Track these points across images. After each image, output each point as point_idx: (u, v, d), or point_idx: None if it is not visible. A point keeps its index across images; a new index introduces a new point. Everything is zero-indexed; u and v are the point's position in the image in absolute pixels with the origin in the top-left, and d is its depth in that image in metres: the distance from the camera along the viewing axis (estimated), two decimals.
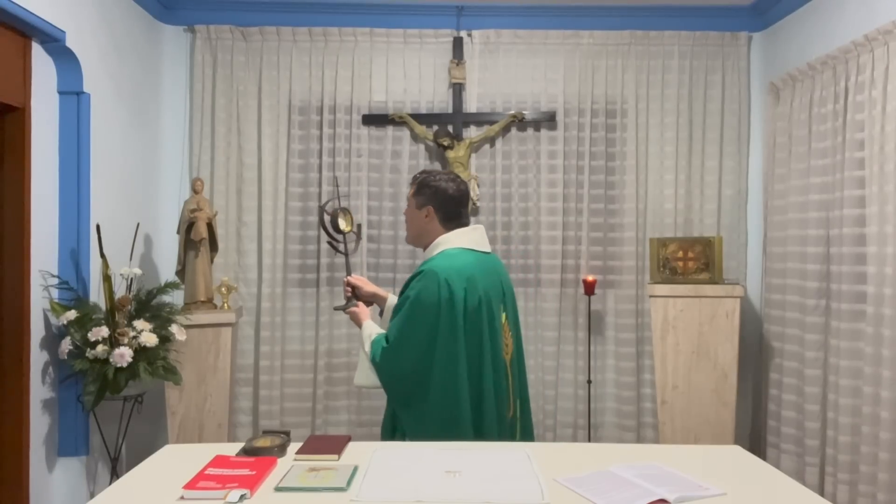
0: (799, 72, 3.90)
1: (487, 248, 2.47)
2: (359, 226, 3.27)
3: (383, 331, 2.44)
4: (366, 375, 2.39)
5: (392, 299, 2.62)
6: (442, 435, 2.18)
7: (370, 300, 2.65)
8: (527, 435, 2.50)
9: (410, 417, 2.31)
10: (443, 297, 2.24)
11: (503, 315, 2.42)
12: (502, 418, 2.37)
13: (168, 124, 4.40)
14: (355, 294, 2.65)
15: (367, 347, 2.39)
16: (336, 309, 2.79)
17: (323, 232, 2.84)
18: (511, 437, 2.42)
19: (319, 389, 4.41)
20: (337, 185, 3.28)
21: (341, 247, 2.76)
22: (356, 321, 2.57)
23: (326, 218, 2.77)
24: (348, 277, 2.67)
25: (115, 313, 3.21)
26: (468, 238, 2.41)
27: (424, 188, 2.43)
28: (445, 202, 2.41)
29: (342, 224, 2.82)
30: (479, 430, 2.29)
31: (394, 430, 2.40)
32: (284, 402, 4.39)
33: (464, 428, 2.25)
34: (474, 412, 2.28)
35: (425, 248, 2.47)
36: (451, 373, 2.24)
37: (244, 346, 4.37)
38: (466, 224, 2.47)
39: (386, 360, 2.31)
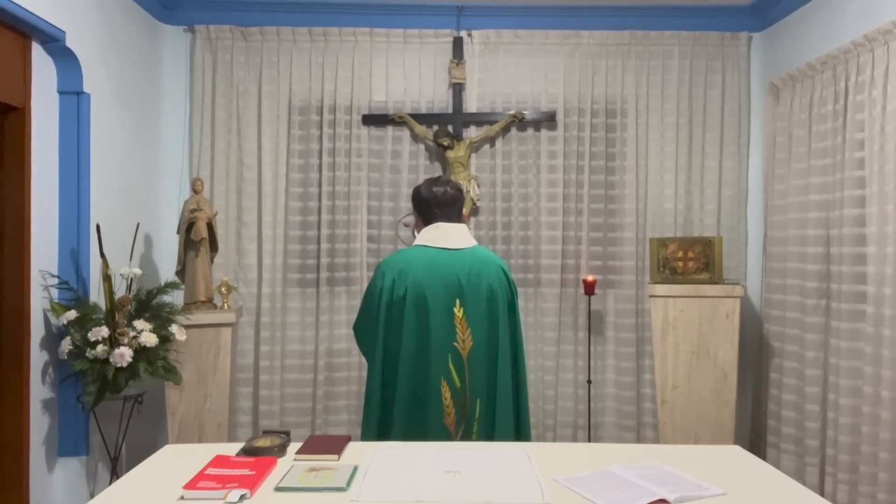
0: (799, 72, 3.90)
1: (453, 245, 2.52)
2: None
3: None
4: None
5: None
6: (364, 413, 2.47)
7: None
8: (489, 436, 2.43)
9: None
10: (377, 286, 2.50)
11: (461, 310, 2.45)
12: (430, 411, 2.39)
13: (168, 124, 4.39)
14: None
15: None
16: None
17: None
18: (467, 436, 2.41)
19: (319, 389, 4.41)
20: None
21: None
22: None
23: (406, 229, 3.44)
24: None
25: (115, 313, 3.21)
26: (426, 235, 2.56)
27: (412, 196, 2.66)
28: (420, 205, 2.61)
29: None
30: (387, 417, 2.42)
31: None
32: (284, 402, 4.39)
33: (371, 411, 2.45)
34: (384, 400, 2.44)
35: None
36: (372, 357, 2.49)
37: (244, 346, 4.37)
38: (439, 222, 2.56)
39: (355, 336, 2.67)
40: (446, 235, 2.53)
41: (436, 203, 2.56)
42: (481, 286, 2.48)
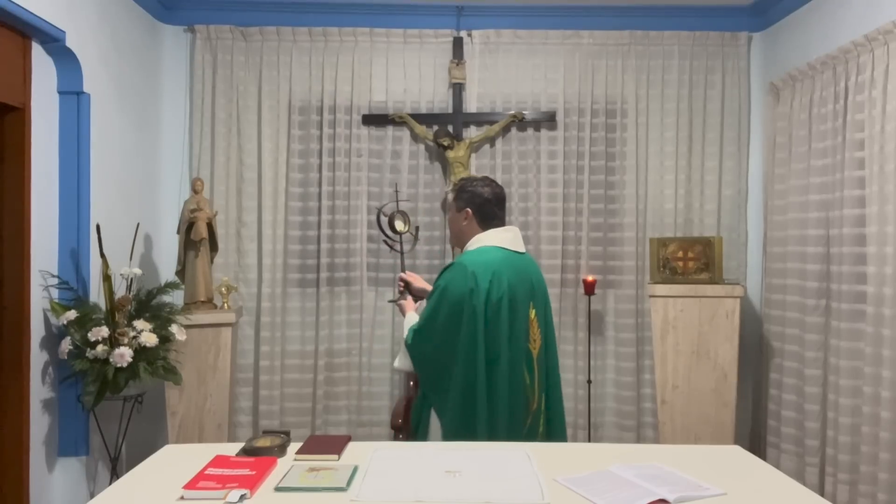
0: (799, 72, 3.90)
1: (520, 249, 2.59)
2: (417, 227, 3.84)
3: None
4: (401, 359, 2.59)
5: None
6: (460, 417, 2.37)
7: (420, 295, 2.81)
8: (555, 427, 2.59)
9: (438, 400, 2.48)
10: (468, 287, 2.39)
11: (532, 311, 2.53)
12: (516, 409, 2.44)
13: (168, 124, 4.40)
14: (408, 289, 2.84)
15: (405, 333, 2.58)
16: (389, 302, 3.22)
17: (379, 231, 3.36)
18: (533, 429, 2.50)
19: (319, 389, 4.41)
20: (397, 190, 3.68)
21: (397, 246, 3.17)
22: (402, 311, 2.78)
23: (383, 219, 3.27)
24: (401, 274, 2.90)
25: (115, 313, 3.21)
26: (500, 237, 2.55)
27: (463, 192, 2.60)
28: (482, 204, 2.56)
29: (399, 225, 3.12)
30: (493, 417, 2.40)
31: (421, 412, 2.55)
32: (284, 402, 4.39)
33: (480, 413, 2.37)
34: (489, 400, 2.39)
35: (463, 247, 2.61)
36: (472, 359, 2.38)
37: (244, 346, 4.37)
38: (501, 224, 2.60)
39: (414, 342, 2.50)
40: (517, 239, 2.60)
41: (497, 203, 2.58)
42: (542, 288, 2.62)
